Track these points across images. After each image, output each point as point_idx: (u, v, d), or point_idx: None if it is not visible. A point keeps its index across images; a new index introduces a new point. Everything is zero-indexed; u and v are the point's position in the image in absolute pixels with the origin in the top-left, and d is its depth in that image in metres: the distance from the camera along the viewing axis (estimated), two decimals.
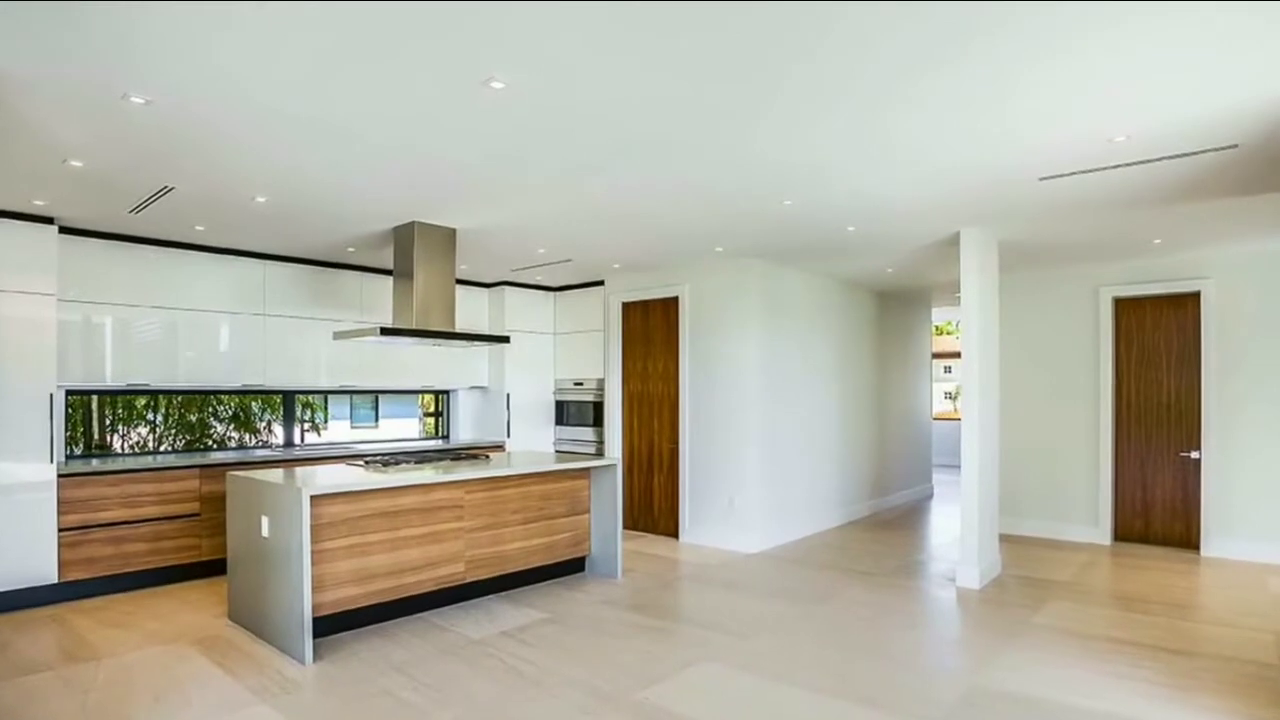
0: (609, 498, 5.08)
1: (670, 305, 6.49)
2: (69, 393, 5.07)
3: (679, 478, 6.37)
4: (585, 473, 5.14)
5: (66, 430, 5.09)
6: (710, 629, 4.02)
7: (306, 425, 6.71)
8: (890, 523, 7.20)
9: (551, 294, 7.54)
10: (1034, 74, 2.55)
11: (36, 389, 4.41)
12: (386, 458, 4.94)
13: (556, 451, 7.32)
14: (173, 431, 6.02)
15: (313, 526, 3.65)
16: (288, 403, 6.29)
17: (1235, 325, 5.72)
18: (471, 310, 7.07)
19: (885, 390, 8.08)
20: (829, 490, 6.96)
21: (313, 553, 3.65)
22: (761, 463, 5.97)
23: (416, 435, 7.58)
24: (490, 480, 4.51)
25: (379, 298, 6.33)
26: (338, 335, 4.76)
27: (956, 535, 6.32)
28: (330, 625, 3.87)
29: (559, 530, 4.93)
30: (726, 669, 3.45)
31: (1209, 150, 3.30)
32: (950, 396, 18.26)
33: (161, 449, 5.86)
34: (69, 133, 3.09)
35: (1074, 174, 3.67)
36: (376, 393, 7.14)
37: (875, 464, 7.84)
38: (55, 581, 4.46)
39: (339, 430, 7.11)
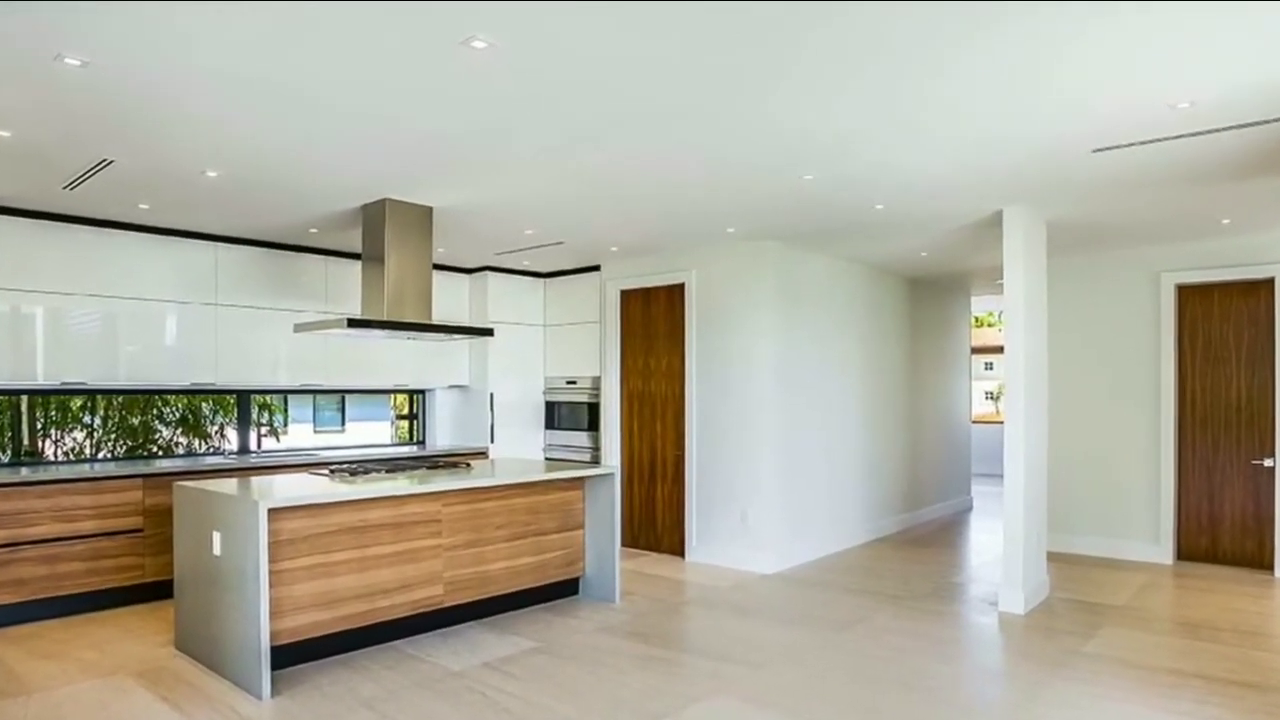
0: (606, 511, 5.09)
1: (675, 293, 6.49)
2: None
3: (685, 489, 6.39)
4: (579, 483, 5.15)
5: None
6: (720, 659, 4.03)
7: (264, 429, 6.72)
8: (923, 540, 7.22)
9: (541, 281, 7.55)
10: (1087, 33, 2.54)
11: None
12: (354, 466, 4.94)
13: (546, 459, 7.33)
14: (113, 436, 6.03)
15: (271, 544, 3.66)
16: (242, 404, 6.29)
17: None
18: (450, 299, 7.08)
19: (918, 390, 8.09)
20: (854, 503, 6.98)
21: (271, 573, 3.66)
22: (778, 472, 5.98)
23: (388, 441, 7.59)
24: (472, 491, 4.52)
25: (345, 285, 6.34)
26: (299, 328, 4.76)
27: (998, 554, 6.32)
28: (291, 655, 3.87)
29: (549, 548, 4.94)
30: (739, 704, 3.46)
31: None
32: (992, 396, 18.28)
33: (100, 456, 5.87)
34: None
35: (1131, 145, 3.66)
36: (343, 393, 7.15)
37: (906, 473, 7.86)
38: None
39: (300, 435, 7.12)
